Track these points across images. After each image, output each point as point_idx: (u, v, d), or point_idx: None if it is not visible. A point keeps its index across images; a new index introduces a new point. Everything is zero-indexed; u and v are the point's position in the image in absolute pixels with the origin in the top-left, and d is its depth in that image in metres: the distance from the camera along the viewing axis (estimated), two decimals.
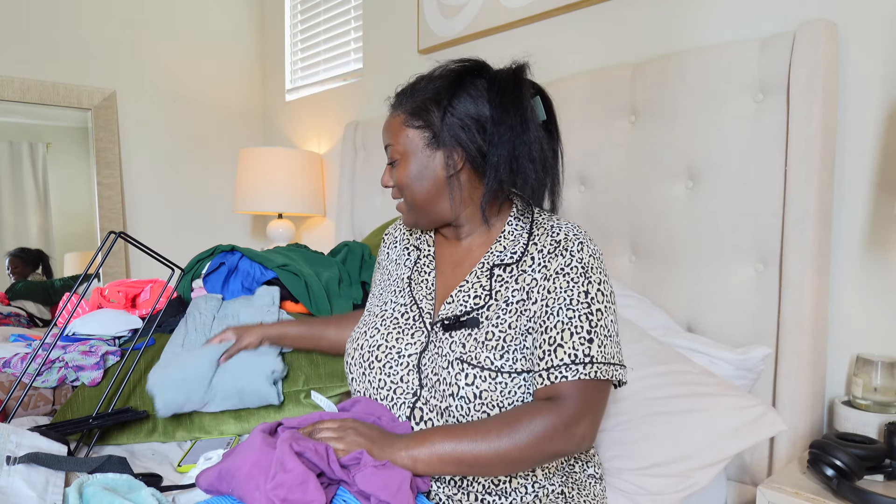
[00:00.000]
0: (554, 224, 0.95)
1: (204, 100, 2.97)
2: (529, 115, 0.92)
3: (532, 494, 0.90)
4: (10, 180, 2.49)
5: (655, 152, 1.49)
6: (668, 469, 1.09)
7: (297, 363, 1.28)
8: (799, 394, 1.23)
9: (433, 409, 0.89)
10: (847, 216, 1.28)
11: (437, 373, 0.89)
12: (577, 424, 0.82)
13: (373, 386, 0.95)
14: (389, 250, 1.13)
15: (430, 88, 0.95)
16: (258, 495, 0.72)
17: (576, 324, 0.86)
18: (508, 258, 0.94)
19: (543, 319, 0.88)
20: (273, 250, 1.71)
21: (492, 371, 0.86)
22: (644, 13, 1.61)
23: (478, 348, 0.88)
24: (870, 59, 1.25)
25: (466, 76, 0.95)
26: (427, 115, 0.94)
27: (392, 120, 0.98)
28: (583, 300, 0.87)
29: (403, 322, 0.97)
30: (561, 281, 0.88)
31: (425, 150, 0.94)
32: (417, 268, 1.04)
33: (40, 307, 2.52)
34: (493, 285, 0.93)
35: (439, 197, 0.96)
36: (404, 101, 0.97)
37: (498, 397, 0.86)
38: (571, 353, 0.85)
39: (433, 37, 2.16)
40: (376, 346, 0.96)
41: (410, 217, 1.01)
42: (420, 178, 0.95)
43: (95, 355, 1.32)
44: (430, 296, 0.99)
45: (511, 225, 0.98)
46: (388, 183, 1.01)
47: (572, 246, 0.90)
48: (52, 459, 0.86)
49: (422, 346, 0.93)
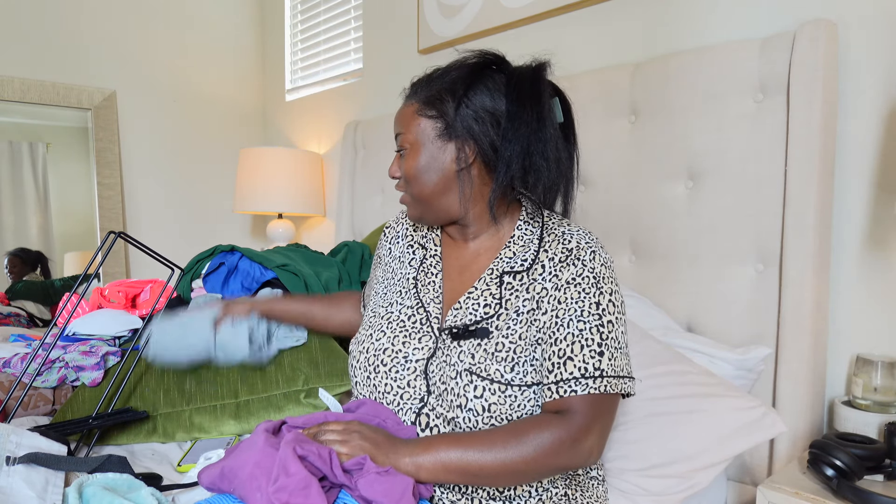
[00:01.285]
0: (566, 230, 0.92)
1: (204, 100, 2.97)
2: (546, 113, 0.89)
3: (536, 498, 0.89)
4: (10, 180, 2.49)
5: (655, 152, 1.49)
6: (668, 470, 1.08)
7: (297, 363, 1.28)
8: (799, 394, 1.23)
9: (439, 416, 0.87)
10: (847, 216, 1.28)
11: (445, 382, 0.87)
12: (585, 439, 0.81)
13: (378, 390, 0.93)
14: (392, 245, 1.09)
15: (446, 79, 0.92)
16: (259, 496, 0.72)
17: (587, 336, 0.84)
18: (519, 265, 0.91)
19: (553, 330, 0.86)
20: (273, 250, 1.71)
21: (501, 384, 0.84)
22: (644, 13, 1.61)
23: (487, 360, 0.86)
24: (870, 59, 1.25)
25: (485, 69, 0.92)
26: (441, 104, 0.91)
27: (405, 109, 0.95)
28: (594, 311, 0.85)
29: (410, 326, 0.95)
30: (572, 291, 0.86)
31: (436, 140, 0.92)
32: (423, 268, 1.01)
33: (40, 307, 2.52)
34: (503, 293, 0.91)
35: (447, 191, 0.93)
36: (419, 91, 0.95)
37: (507, 410, 0.84)
38: (581, 366, 0.83)
39: (433, 37, 2.16)
40: (382, 349, 0.94)
41: (416, 210, 0.97)
42: (429, 169, 0.92)
43: (96, 355, 1.32)
44: (437, 300, 0.96)
45: (521, 229, 0.95)
46: (396, 173, 0.97)
47: (584, 255, 0.88)
48: (52, 459, 0.86)
49: (429, 351, 0.91)
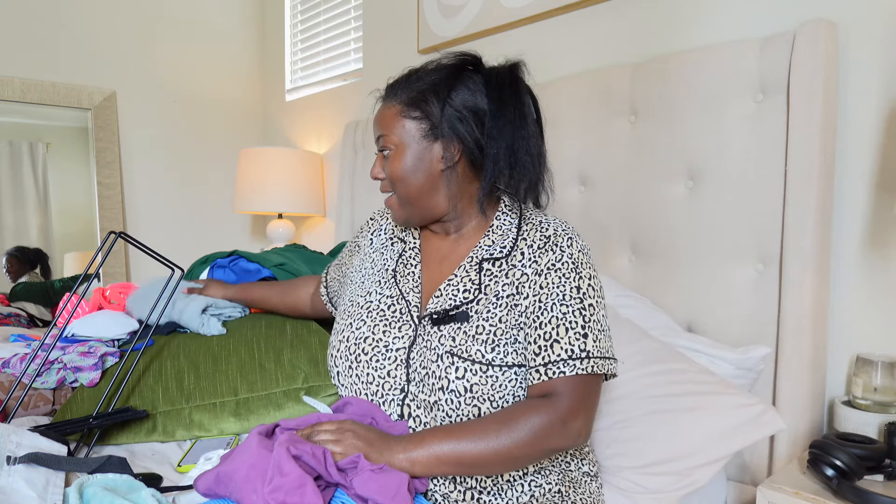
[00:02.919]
0: (542, 220, 0.95)
1: (204, 100, 2.97)
2: (527, 110, 0.92)
3: (529, 494, 0.90)
4: (10, 180, 2.49)
5: (655, 152, 1.49)
6: (667, 467, 1.08)
7: (297, 361, 1.28)
8: (799, 393, 1.23)
9: (421, 403, 0.88)
10: (847, 216, 1.28)
11: (426, 366, 0.88)
12: (574, 420, 0.83)
13: (360, 380, 0.94)
14: (373, 237, 1.10)
15: (427, 80, 0.94)
16: (255, 498, 0.72)
17: (570, 319, 0.86)
18: (498, 252, 0.94)
19: (537, 315, 0.88)
20: (271, 251, 1.71)
21: (482, 364, 0.86)
22: (644, 13, 1.61)
23: (468, 342, 0.87)
24: (870, 59, 1.25)
25: (463, 70, 0.95)
26: (426, 105, 0.92)
27: (386, 110, 0.96)
28: (575, 295, 0.88)
29: (390, 315, 0.96)
30: (553, 277, 0.89)
31: (422, 141, 0.93)
32: (402, 260, 1.02)
33: (40, 308, 2.51)
34: (483, 279, 0.92)
35: (434, 190, 0.95)
36: (399, 92, 0.95)
37: (489, 391, 0.86)
38: (567, 348, 0.85)
39: (433, 37, 2.16)
40: (363, 338, 0.95)
41: (402, 213, 0.98)
42: (415, 170, 0.93)
43: (94, 356, 1.32)
44: (416, 289, 0.97)
45: (500, 220, 0.97)
46: (380, 175, 0.98)
47: (562, 241, 0.91)
48: (52, 459, 0.86)
49: (409, 340, 0.92)
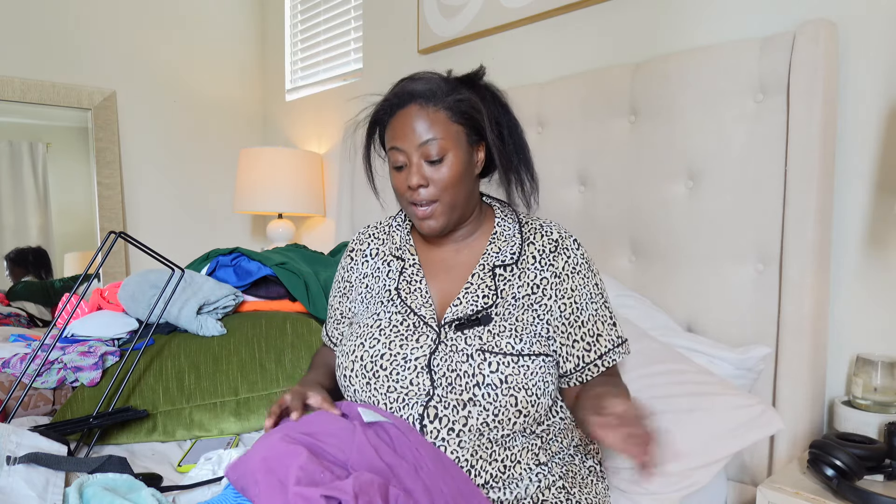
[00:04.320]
0: (542, 224, 1.01)
1: (204, 100, 2.97)
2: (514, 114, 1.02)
3: (535, 485, 0.91)
4: (10, 180, 2.49)
5: (655, 152, 1.49)
6: (667, 468, 1.08)
7: (298, 361, 1.28)
8: (799, 394, 1.23)
9: (449, 404, 0.88)
10: (847, 216, 1.28)
11: (455, 368, 0.90)
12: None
13: (380, 393, 0.92)
14: (361, 267, 1.07)
15: (455, 87, 0.95)
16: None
17: (601, 313, 0.98)
18: (508, 258, 0.98)
19: (577, 315, 0.96)
20: (272, 251, 1.71)
21: (513, 355, 0.90)
22: (644, 13, 1.61)
23: (494, 339, 0.91)
24: (870, 59, 1.25)
25: (472, 81, 0.99)
26: (469, 111, 0.94)
27: (434, 114, 0.92)
28: (596, 292, 0.99)
29: (405, 329, 0.95)
30: (578, 279, 0.97)
31: (467, 146, 0.96)
32: (405, 278, 1.01)
33: (41, 308, 2.51)
34: (498, 284, 0.97)
35: (471, 196, 0.99)
36: (439, 96, 0.93)
37: (522, 380, 0.89)
38: (609, 338, 0.97)
39: (433, 37, 2.16)
40: (379, 354, 0.93)
41: (441, 221, 0.95)
42: (465, 175, 0.95)
43: (94, 356, 1.32)
44: (428, 303, 0.97)
45: (500, 227, 1.02)
46: (424, 182, 0.93)
47: (569, 244, 0.99)
48: (52, 459, 0.86)
49: (430, 348, 0.92)
